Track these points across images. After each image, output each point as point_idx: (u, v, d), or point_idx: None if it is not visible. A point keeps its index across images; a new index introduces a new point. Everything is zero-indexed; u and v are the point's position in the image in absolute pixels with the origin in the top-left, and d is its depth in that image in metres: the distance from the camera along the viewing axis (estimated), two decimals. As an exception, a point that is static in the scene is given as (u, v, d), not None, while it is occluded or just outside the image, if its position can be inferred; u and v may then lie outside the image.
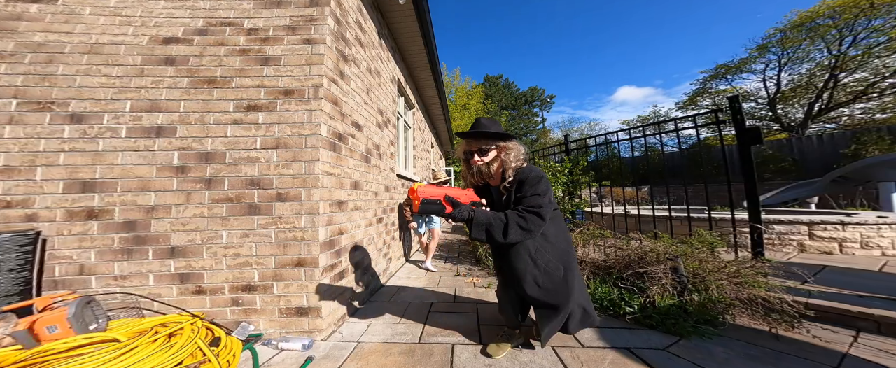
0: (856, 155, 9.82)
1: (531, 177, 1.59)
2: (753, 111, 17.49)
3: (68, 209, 1.98)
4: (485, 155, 1.69)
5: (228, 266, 2.06)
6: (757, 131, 2.57)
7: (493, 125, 1.68)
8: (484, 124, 1.68)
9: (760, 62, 16.40)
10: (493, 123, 1.69)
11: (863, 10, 12.57)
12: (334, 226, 2.31)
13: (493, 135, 1.66)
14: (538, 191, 1.56)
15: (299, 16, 2.29)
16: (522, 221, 1.50)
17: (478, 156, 1.69)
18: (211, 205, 2.07)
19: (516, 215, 1.52)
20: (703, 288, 2.24)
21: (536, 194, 1.55)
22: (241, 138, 2.13)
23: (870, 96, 13.75)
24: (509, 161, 1.65)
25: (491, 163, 1.70)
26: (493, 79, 35.69)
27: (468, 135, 1.71)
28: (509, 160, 1.65)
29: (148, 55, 2.17)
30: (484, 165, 1.70)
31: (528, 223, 1.50)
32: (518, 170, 1.65)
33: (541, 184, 1.57)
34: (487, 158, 1.69)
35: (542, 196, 1.55)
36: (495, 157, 1.70)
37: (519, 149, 1.69)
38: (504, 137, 1.67)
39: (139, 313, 1.96)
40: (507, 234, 1.49)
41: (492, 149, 1.68)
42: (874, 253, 3.75)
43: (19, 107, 2.02)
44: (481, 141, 1.67)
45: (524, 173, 1.61)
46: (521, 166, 1.66)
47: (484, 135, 1.66)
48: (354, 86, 2.76)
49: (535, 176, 1.59)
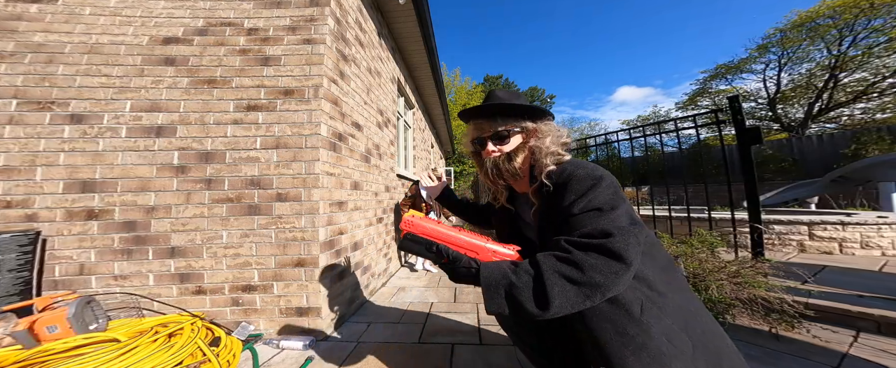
0: (856, 155, 9.82)
1: (579, 177, 0.90)
2: (753, 111, 17.49)
3: (68, 209, 1.98)
4: (503, 141, 1.09)
5: (228, 266, 2.06)
6: (757, 131, 2.57)
7: (514, 97, 1.12)
8: (500, 96, 1.12)
9: (760, 62, 16.41)
10: (515, 95, 1.13)
11: (863, 10, 12.57)
12: (334, 226, 2.31)
13: (516, 109, 1.07)
14: (597, 204, 0.84)
15: (299, 16, 2.29)
16: (572, 269, 0.76)
17: (492, 145, 1.10)
18: (211, 205, 2.07)
19: (556, 259, 0.78)
20: (703, 288, 2.23)
21: (595, 209, 0.83)
22: (241, 138, 2.13)
23: (870, 96, 13.75)
24: (542, 149, 1.03)
25: (513, 154, 1.08)
26: (493, 80, 35.69)
27: (476, 113, 1.13)
28: (542, 148, 1.03)
29: (148, 55, 2.17)
30: (501, 158, 1.09)
31: (585, 271, 0.75)
32: (558, 168, 0.98)
33: (600, 188, 0.86)
34: (508, 146, 1.09)
35: (609, 212, 0.82)
36: (521, 145, 1.09)
37: (557, 132, 1.07)
38: (532, 113, 1.08)
39: (139, 313, 1.96)
40: (546, 300, 0.75)
41: (515, 132, 1.09)
42: (874, 253, 3.75)
43: (19, 107, 2.02)
44: (497, 120, 1.09)
45: (567, 171, 0.94)
46: (563, 160, 1.01)
47: (501, 111, 1.09)
48: (354, 86, 2.76)
49: (586, 174, 0.89)
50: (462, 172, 20.76)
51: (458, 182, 20.03)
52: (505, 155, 1.09)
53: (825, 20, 13.68)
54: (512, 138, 1.09)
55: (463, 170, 20.83)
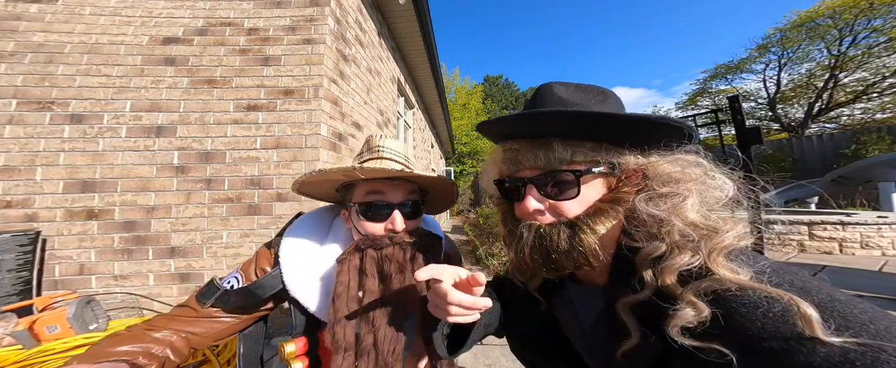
0: (856, 155, 9.82)
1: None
2: (753, 111, 17.49)
3: (68, 209, 1.98)
4: (565, 191, 0.53)
5: (229, 266, 2.06)
6: (757, 131, 2.58)
7: (592, 97, 0.57)
8: (562, 97, 0.56)
9: (760, 62, 16.44)
10: (591, 93, 0.57)
11: (863, 10, 12.58)
12: (334, 226, 2.31)
13: (604, 123, 0.51)
14: None
15: (299, 16, 2.29)
16: None
17: (538, 196, 0.54)
18: (211, 205, 2.07)
19: None
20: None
21: None
22: (241, 138, 2.13)
23: (870, 96, 13.76)
24: (678, 215, 0.47)
25: (591, 219, 0.52)
26: (493, 79, 35.69)
27: (511, 126, 0.59)
28: (681, 210, 0.47)
29: (148, 55, 2.17)
30: (557, 228, 0.53)
31: None
32: (738, 279, 0.41)
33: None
34: (575, 202, 0.53)
35: None
36: (608, 200, 0.53)
37: (712, 180, 0.51)
38: (634, 130, 0.51)
39: (139, 312, 1.96)
40: None
41: (594, 173, 0.53)
42: (874, 253, 3.75)
43: (19, 106, 2.02)
44: (555, 147, 0.53)
45: (778, 307, 0.37)
46: (739, 250, 0.45)
47: (567, 128, 0.53)
48: (354, 86, 2.76)
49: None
50: (462, 172, 20.75)
51: (458, 182, 20.00)
52: (565, 221, 0.53)
53: (825, 20, 13.70)
54: (587, 184, 0.53)
55: (463, 170, 20.82)
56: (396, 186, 0.76)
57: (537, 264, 0.55)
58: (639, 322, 0.47)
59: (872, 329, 0.34)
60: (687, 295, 0.42)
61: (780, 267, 0.43)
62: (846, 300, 0.37)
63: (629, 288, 0.48)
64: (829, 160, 10.57)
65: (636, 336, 0.47)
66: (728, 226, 0.46)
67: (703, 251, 0.44)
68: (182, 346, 0.71)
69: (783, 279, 0.40)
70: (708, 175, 0.51)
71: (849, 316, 0.35)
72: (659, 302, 0.44)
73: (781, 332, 0.36)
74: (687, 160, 0.52)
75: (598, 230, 0.51)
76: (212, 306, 0.75)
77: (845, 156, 10.14)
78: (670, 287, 0.44)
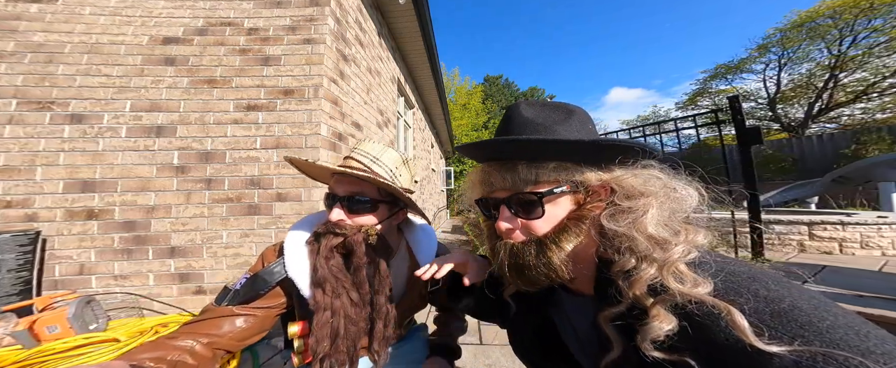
0: (856, 155, 9.83)
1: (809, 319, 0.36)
2: (753, 111, 17.49)
3: (68, 209, 1.98)
4: (531, 211, 0.55)
5: (229, 266, 2.06)
6: (757, 131, 2.58)
7: (555, 116, 0.58)
8: (528, 117, 0.58)
9: (760, 62, 16.44)
10: (555, 111, 0.59)
11: (863, 10, 12.58)
12: (334, 226, 2.31)
13: (558, 148, 0.53)
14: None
15: (299, 15, 2.29)
16: None
17: (508, 215, 0.58)
18: (211, 205, 2.07)
19: None
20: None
21: None
22: (241, 138, 2.13)
23: (870, 96, 13.76)
24: (623, 233, 0.49)
25: (557, 236, 0.54)
26: (493, 79, 35.67)
27: (482, 149, 0.62)
28: (622, 231, 0.49)
29: (148, 55, 2.17)
30: (525, 245, 0.56)
31: None
32: (700, 289, 0.41)
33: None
34: (542, 220, 0.55)
35: None
36: (574, 216, 0.55)
37: (675, 192, 0.53)
38: (596, 151, 0.54)
39: (139, 313, 1.96)
40: None
41: (558, 193, 0.55)
42: (874, 253, 3.75)
43: (19, 106, 2.02)
44: (520, 168, 0.56)
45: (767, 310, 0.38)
46: (703, 258, 0.46)
47: (530, 151, 0.56)
48: (354, 86, 2.76)
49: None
50: (462, 172, 20.74)
51: (458, 182, 19.98)
52: (535, 239, 0.55)
53: (825, 20, 13.70)
54: (551, 203, 0.55)
55: (463, 170, 20.81)
56: (341, 181, 0.85)
57: (514, 279, 0.59)
58: (621, 334, 0.48)
59: (827, 338, 0.33)
60: (654, 308, 0.43)
61: (739, 272, 0.43)
62: (800, 305, 0.37)
63: (612, 300, 0.48)
64: (829, 160, 10.57)
65: (618, 348, 0.48)
66: (679, 239, 0.48)
67: (658, 264, 0.45)
68: (204, 351, 0.75)
69: (740, 285, 0.41)
70: (668, 187, 0.53)
71: (786, 322, 0.36)
72: (634, 315, 0.45)
73: (740, 343, 0.36)
74: (648, 173, 0.54)
75: (564, 247, 0.54)
76: (227, 304, 0.81)
77: (845, 156, 10.14)
78: (640, 299, 0.45)
